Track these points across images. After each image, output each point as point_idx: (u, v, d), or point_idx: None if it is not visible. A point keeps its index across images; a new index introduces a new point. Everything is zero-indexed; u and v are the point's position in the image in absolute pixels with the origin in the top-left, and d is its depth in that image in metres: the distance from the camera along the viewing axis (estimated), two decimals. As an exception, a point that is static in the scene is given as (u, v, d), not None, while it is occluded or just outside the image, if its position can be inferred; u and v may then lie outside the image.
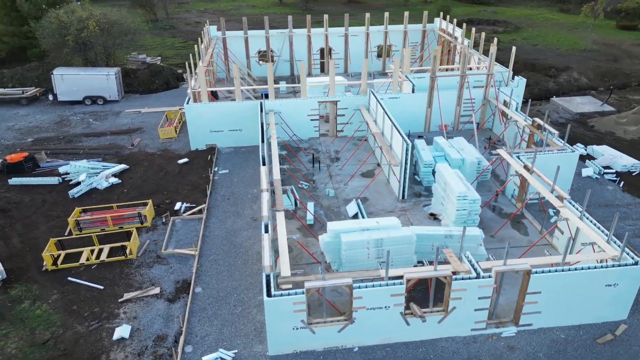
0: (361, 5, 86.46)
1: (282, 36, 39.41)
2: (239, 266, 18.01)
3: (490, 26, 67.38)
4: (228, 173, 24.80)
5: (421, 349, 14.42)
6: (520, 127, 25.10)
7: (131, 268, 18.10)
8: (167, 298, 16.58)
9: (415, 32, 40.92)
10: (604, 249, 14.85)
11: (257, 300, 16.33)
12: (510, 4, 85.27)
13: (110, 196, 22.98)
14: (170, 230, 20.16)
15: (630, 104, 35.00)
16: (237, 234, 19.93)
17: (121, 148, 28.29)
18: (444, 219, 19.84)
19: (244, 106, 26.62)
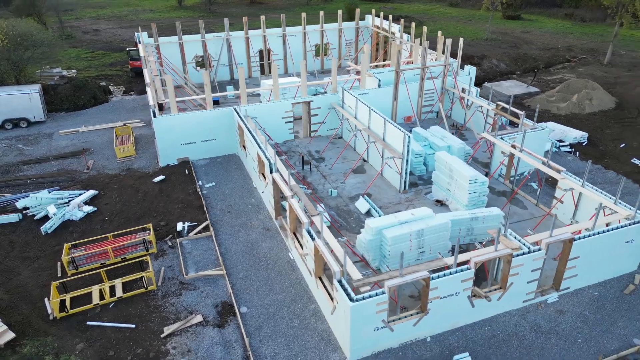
0: (263, 5, 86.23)
1: (219, 40, 37.99)
2: (275, 278, 17.27)
3: (396, 22, 70.88)
4: (216, 186, 23.49)
5: (487, 327, 15.09)
6: (484, 112, 27.07)
7: (157, 299, 16.47)
8: (213, 324, 15.38)
9: (350, 29, 41.86)
10: (617, 211, 16.71)
11: (311, 309, 15.83)
12: (405, 1, 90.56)
13: (90, 226, 20.59)
14: (181, 253, 18.66)
15: (548, 84, 39.31)
16: (256, 246, 19.05)
17: (75, 173, 25.39)
18: (452, 203, 20.78)
19: (218, 114, 25.35)
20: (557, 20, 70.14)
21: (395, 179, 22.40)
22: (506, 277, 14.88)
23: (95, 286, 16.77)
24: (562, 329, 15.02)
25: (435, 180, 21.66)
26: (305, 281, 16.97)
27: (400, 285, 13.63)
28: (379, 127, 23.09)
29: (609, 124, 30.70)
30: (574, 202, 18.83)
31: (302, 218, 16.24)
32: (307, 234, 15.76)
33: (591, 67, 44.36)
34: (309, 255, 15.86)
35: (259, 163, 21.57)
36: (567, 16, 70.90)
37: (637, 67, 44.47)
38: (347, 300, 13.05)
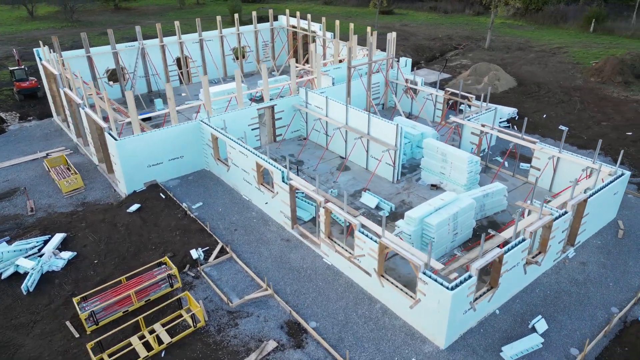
0: (132, 12, 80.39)
1: (132, 50, 34.74)
2: (325, 287, 16.72)
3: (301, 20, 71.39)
4: (204, 205, 21.71)
5: (537, 290, 16.50)
6: (432, 99, 29.00)
7: (213, 336, 14.88)
8: (290, 346, 14.43)
9: (265, 31, 41.28)
10: (600, 170, 19.40)
11: (378, 308, 15.71)
12: (279, 1, 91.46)
13: (81, 274, 17.69)
14: (211, 281, 17.03)
15: (454, 69, 43.28)
16: (285, 259, 18.17)
17: (17, 218, 21.47)
18: (447, 185, 22.06)
19: (184, 129, 23.36)
20: (424, 13, 77.01)
21: (386, 170, 22.99)
22: (546, 241, 16.42)
23: (135, 337, 14.58)
24: (592, 277, 17.07)
25: (425, 166, 22.74)
26: (357, 283, 16.74)
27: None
28: (361, 123, 23.41)
29: (522, 99, 34.99)
30: (554, 168, 21.33)
31: (352, 220, 15.97)
32: (362, 235, 15.58)
33: (477, 52, 49.79)
34: (367, 255, 15.69)
35: (259, 173, 20.50)
36: (431, 9, 78.19)
37: (511, 49, 51.07)
38: (443, 290, 13.30)
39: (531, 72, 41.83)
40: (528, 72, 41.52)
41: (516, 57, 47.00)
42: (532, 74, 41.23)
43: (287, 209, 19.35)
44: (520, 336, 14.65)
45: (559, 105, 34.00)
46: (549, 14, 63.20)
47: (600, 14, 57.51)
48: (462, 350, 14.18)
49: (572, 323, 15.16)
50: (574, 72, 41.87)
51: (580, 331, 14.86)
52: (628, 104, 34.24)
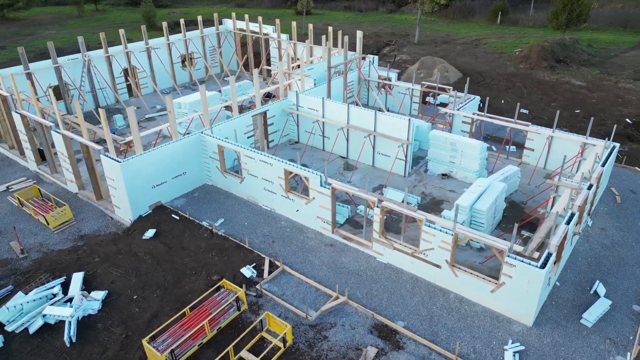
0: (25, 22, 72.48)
1: (77, 63, 31.47)
2: (393, 286, 16.67)
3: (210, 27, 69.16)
4: (227, 220, 20.44)
5: (579, 258, 17.94)
6: (409, 94, 30.03)
7: (306, 354, 14.16)
8: (392, 349, 14.23)
9: (212, 35, 39.61)
10: (594, 144, 21.58)
11: (452, 298, 16.02)
12: (189, 4, 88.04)
13: (126, 313, 15.82)
14: (277, 298, 16.15)
15: (397, 64, 44.98)
16: (338, 264, 17.78)
17: (8, 263, 18.59)
18: (458, 174, 23.05)
19: (185, 144, 21.75)
20: (340, 12, 78.88)
21: (397, 165, 23.39)
22: (582, 213, 17.94)
23: (228, 370, 13.44)
24: (616, 240, 18.98)
25: (433, 156, 23.53)
26: (422, 278, 16.93)
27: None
28: (367, 121, 23.54)
29: (474, 88, 37.45)
30: (548, 148, 23.25)
31: (416, 216, 16.13)
32: (430, 229, 15.82)
33: (410, 47, 52.22)
34: (436, 248, 15.96)
35: (287, 181, 19.79)
36: (346, 8, 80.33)
37: (438, 42, 54.34)
38: (534, 269, 14.01)
39: (467, 62, 44.89)
40: (464, 63, 44.49)
41: (446, 50, 50.08)
42: (469, 64, 44.27)
43: (326, 214, 18.94)
44: (586, 302, 15.87)
45: (507, 91, 36.96)
46: (458, 9, 68.12)
47: (504, 8, 63.28)
48: (547, 324, 15.02)
49: (621, 283, 16.75)
50: (502, 60, 45.70)
51: (632, 289, 16.48)
52: (561, 85, 38.26)
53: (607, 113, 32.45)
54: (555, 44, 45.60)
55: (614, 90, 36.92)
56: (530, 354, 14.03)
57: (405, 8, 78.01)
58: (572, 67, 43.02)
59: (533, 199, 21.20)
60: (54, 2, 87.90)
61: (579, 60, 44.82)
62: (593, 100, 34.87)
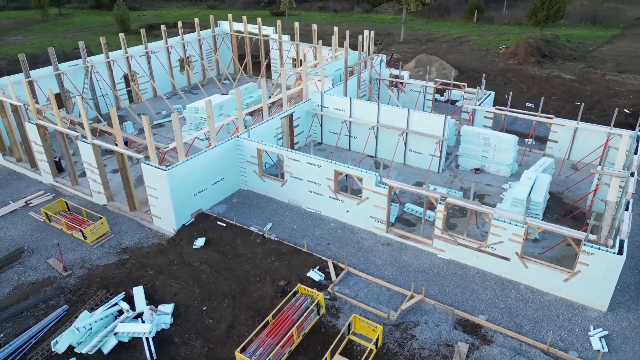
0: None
1: (79, 70, 30.08)
2: (460, 281, 16.80)
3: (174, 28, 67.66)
4: (276, 225, 20.05)
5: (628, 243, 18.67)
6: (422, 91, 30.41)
7: (398, 354, 14.07)
8: (483, 342, 14.34)
9: (208, 38, 38.73)
10: (620, 134, 22.54)
11: (523, 289, 16.34)
12: (158, 7, 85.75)
13: (200, 325, 15.25)
14: (352, 299, 15.99)
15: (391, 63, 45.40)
16: (400, 262, 17.78)
17: (52, 281, 17.56)
18: (490, 167, 23.53)
19: (223, 149, 21.18)
20: (314, 12, 78.90)
21: (428, 162, 23.61)
22: (630, 198, 18.70)
23: (328, 376, 13.19)
24: (655, 224, 19.91)
25: (464, 152, 23.91)
26: (489, 271, 17.17)
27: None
28: (399, 119, 23.64)
29: (474, 84, 38.26)
30: (572, 140, 24.08)
31: (483, 210, 16.37)
32: (500, 222, 16.08)
33: (397, 46, 52.89)
34: (506, 241, 16.24)
35: (336, 182, 19.62)
36: (320, 8, 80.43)
37: (423, 41, 55.31)
38: (613, 256, 14.50)
39: (457, 60, 45.86)
40: (455, 60, 45.43)
41: (433, 48, 51.03)
42: (460, 61, 45.25)
43: (380, 213, 18.90)
44: (647, 284, 16.57)
45: (506, 86, 38.02)
46: (434, 8, 69.52)
47: (480, 6, 65.12)
48: (620, 309, 15.57)
49: (672, 264, 17.59)
50: (490, 57, 47.02)
51: (684, 269, 17.34)
52: (553, 79, 39.74)
53: (604, 104, 33.94)
54: (539, 40, 47.32)
55: (603, 83, 38.69)
56: (613, 337, 14.51)
57: (379, 8, 78.91)
58: (558, 62, 44.78)
59: (569, 190, 21.90)
60: (13, 6, 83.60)
61: (562, 55, 46.70)
62: (587, 93, 36.40)
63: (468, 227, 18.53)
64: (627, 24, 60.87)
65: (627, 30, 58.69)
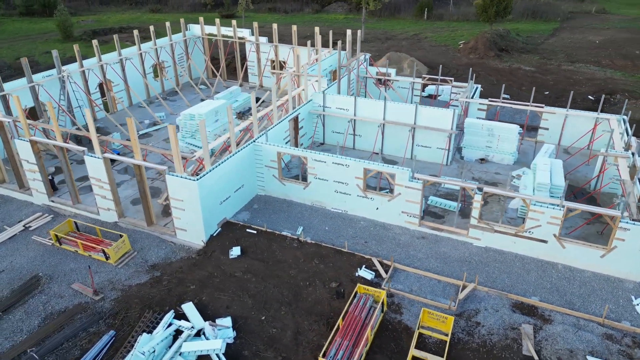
0: None
1: (53, 81, 28.08)
2: (503, 266, 17.47)
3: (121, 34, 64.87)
4: (307, 228, 19.81)
5: (635, 219, 20.25)
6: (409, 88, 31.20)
7: (471, 342, 14.45)
8: (543, 323, 15.03)
9: (180, 43, 37.39)
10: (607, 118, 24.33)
11: (562, 268, 17.29)
12: (98, 12, 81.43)
13: (265, 335, 14.83)
14: (409, 294, 16.18)
15: (361, 61, 45.99)
16: (442, 254, 18.18)
17: (86, 307, 16.37)
18: (494, 157, 24.59)
19: (243, 155, 20.66)
20: (264, 14, 78.24)
21: (438, 155, 24.30)
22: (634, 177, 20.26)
23: (414, 371, 13.31)
24: (652, 199, 21.65)
25: (468, 144, 24.82)
26: (525, 255, 17.94)
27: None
28: (406, 115, 24.11)
29: (446, 79, 39.68)
30: (562, 126, 25.69)
31: (521, 196, 17.17)
32: (539, 207, 16.92)
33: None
34: (544, 225, 17.09)
35: (365, 181, 19.73)
36: (270, 10, 79.86)
37: (382, 39, 56.50)
38: (650, 230, 15.74)
39: (422, 56, 47.32)
40: (421, 57, 46.86)
41: (395, 46, 52.30)
42: (425, 57, 46.74)
43: (412, 208, 19.24)
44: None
45: (476, 80, 39.70)
46: (385, 7, 71.12)
47: (429, 4, 67.50)
48: (650, 277, 16.89)
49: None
50: (452, 52, 48.94)
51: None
52: (516, 71, 42.05)
53: (568, 92, 36.33)
54: (495, 35, 49.85)
55: (561, 73, 41.47)
56: (655, 305, 15.72)
57: (329, 8, 79.63)
58: (514, 55, 47.41)
59: (570, 173, 23.32)
60: None
61: (516, 48, 49.49)
62: (551, 83, 38.86)
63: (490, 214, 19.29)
64: (563, 17, 65.53)
65: (565, 23, 63.19)
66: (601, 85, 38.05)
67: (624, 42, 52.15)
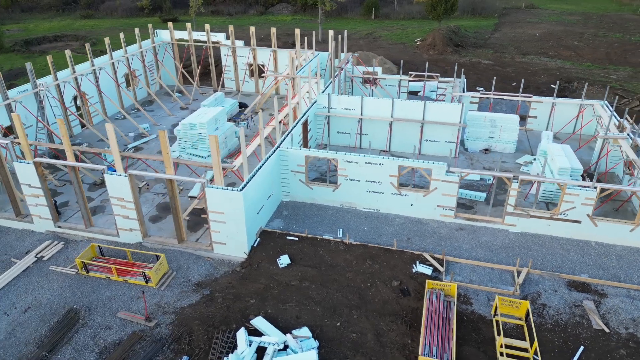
0: None
1: (29, 97, 25.73)
2: (543, 249, 18.40)
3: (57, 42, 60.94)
4: (346, 230, 19.66)
5: None
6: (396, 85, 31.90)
7: (544, 322, 15.16)
8: (600, 297, 16.06)
9: (150, 50, 35.55)
10: (592, 104, 26.35)
11: (594, 244, 18.53)
12: (23, 20, 75.15)
13: (346, 340, 14.60)
14: (471, 285, 16.61)
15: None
16: (484, 243, 18.82)
17: (143, 336, 15.28)
18: (496, 147, 25.78)
19: (273, 162, 20.15)
20: (208, 17, 76.20)
21: (444, 149, 25.05)
22: (633, 157, 22.12)
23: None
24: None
25: (471, 136, 25.83)
26: (560, 236, 19.01)
27: None
28: (415, 111, 24.62)
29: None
30: (550, 114, 27.45)
31: (558, 181, 18.20)
32: (573, 190, 18.04)
33: (320, 45, 53.77)
34: (578, 206, 18.24)
35: (398, 178, 19.95)
36: (213, 13, 77.90)
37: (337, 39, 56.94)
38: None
39: (385, 54, 48.38)
40: (384, 55, 47.95)
41: (354, 45, 52.99)
42: (389, 55, 47.85)
43: (449, 201, 19.74)
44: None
45: (442, 75, 41.25)
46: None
47: (376, 4, 69.09)
48: (672, 246, 18.55)
49: (679, 205, 21.27)
50: (412, 50, 50.50)
51: (690, 207, 21.10)
52: (477, 65, 44.21)
53: (531, 82, 38.88)
54: (448, 31, 52.07)
55: (518, 65, 44.19)
56: (684, 269, 17.32)
57: (273, 9, 79.13)
58: (470, 50, 49.83)
59: (569, 156, 24.96)
60: None
61: (469, 43, 52.03)
62: (512, 74, 41.28)
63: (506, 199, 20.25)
64: (499, 13, 69.74)
65: (502, 19, 67.28)
66: (556, 74, 40.99)
67: (560, 34, 56.49)
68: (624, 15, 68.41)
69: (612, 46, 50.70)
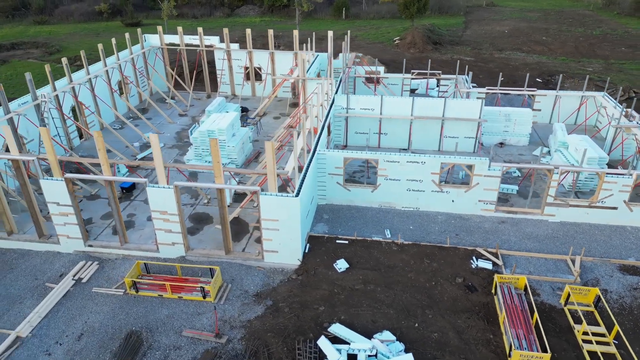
0: None
1: (29, 109, 24.05)
2: (585, 237, 19.08)
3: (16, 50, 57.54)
4: (393, 230, 19.60)
5: (652, 179, 23.36)
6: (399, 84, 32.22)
7: (614, 307, 15.72)
8: (651, 279, 16.86)
9: (140, 55, 34.06)
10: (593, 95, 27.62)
11: (629, 229, 19.43)
12: None
13: (431, 340, 14.57)
14: (532, 276, 16.98)
15: (314, 63, 45.95)
16: (529, 234, 19.29)
17: (216, 353, 14.64)
18: (511, 140, 26.52)
19: (314, 167, 19.81)
20: (174, 20, 73.98)
21: (466, 144, 25.52)
22: (645, 145, 23.36)
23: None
24: (651, 161, 25.13)
25: (486, 130, 26.43)
26: (598, 223, 19.74)
27: None
28: (435, 109, 24.91)
29: (407, 73, 41.43)
30: (553, 106, 28.56)
31: (598, 171, 18.94)
32: (610, 177, 18.83)
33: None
34: (616, 193, 19.05)
35: (439, 175, 20.11)
36: (179, 16, 75.63)
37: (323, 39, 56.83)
38: None
39: (368, 54, 48.75)
40: (370, 55, 48.27)
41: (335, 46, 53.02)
42: (374, 55, 48.22)
43: (490, 195, 20.09)
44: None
45: (433, 72, 42.03)
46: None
47: (346, 4, 69.43)
48: (698, 225, 19.72)
49: (691, 187, 22.65)
50: (392, 49, 51.11)
51: (702, 188, 22.50)
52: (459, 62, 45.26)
53: (516, 76, 40.29)
54: (425, 30, 53.10)
55: (498, 60, 45.67)
56: None
57: (239, 11, 77.92)
58: (448, 47, 51.03)
59: (580, 146, 26.01)
60: None
61: (446, 41, 53.27)
62: (496, 70, 42.54)
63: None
64: (464, 12, 71.86)
65: (468, 17, 69.35)
66: (537, 68, 42.71)
67: (527, 30, 58.88)
68: (579, 11, 72.25)
69: (578, 40, 53.39)
